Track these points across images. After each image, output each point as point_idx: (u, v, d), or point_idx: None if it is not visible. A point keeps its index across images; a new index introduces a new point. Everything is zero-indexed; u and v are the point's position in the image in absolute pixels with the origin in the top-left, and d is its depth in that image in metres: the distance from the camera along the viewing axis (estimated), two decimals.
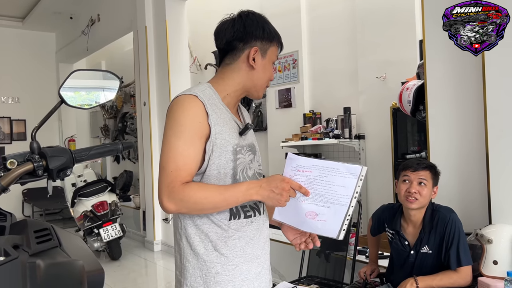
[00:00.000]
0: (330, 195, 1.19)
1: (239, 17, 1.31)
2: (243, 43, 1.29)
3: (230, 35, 1.29)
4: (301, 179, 1.21)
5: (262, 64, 1.31)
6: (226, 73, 1.32)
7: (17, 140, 7.62)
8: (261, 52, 1.30)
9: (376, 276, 2.40)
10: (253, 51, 1.29)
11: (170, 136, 1.21)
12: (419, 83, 2.80)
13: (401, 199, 2.07)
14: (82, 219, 4.77)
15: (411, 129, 3.63)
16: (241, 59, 1.30)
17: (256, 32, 1.29)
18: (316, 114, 4.49)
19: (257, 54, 1.29)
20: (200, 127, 1.21)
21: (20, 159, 1.00)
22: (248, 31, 1.29)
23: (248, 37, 1.29)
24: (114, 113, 7.39)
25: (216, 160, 1.23)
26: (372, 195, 4.06)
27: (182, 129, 1.20)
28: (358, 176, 1.17)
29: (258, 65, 1.30)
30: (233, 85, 1.32)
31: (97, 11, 6.51)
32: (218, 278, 1.23)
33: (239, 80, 1.31)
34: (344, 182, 1.18)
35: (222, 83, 1.31)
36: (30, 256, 0.77)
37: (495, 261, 2.05)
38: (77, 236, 1.08)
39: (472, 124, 2.37)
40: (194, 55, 5.90)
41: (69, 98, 1.13)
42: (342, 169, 1.18)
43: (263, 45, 1.30)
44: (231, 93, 1.32)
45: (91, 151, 1.14)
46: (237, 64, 1.31)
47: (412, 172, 2.04)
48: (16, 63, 7.63)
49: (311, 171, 1.20)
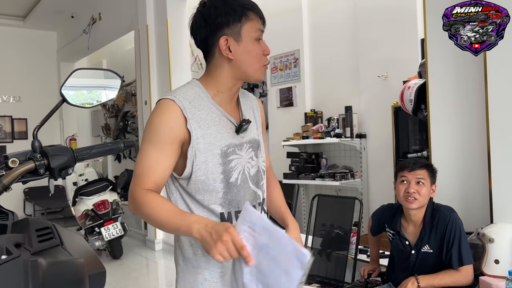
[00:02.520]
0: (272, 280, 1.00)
1: (197, 11, 1.21)
2: (211, 37, 1.19)
3: (198, 34, 1.21)
4: (250, 240, 1.00)
5: (240, 49, 1.18)
6: (211, 70, 1.24)
7: (19, 139, 7.63)
8: (234, 38, 1.18)
9: (377, 275, 2.40)
10: (222, 42, 1.17)
11: (143, 140, 1.18)
12: (421, 82, 2.80)
13: (401, 200, 2.08)
14: (83, 218, 4.77)
15: (412, 128, 3.62)
16: (217, 54, 1.20)
17: (217, 20, 1.17)
18: (318, 113, 4.49)
19: (230, 42, 1.17)
20: (171, 132, 1.15)
21: (22, 157, 1.00)
22: (209, 23, 1.18)
23: (211, 29, 1.18)
24: (115, 112, 7.39)
25: (202, 165, 1.17)
26: (373, 194, 4.06)
27: (152, 133, 1.16)
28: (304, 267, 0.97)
29: (236, 53, 1.18)
30: (222, 81, 1.22)
31: (98, 10, 6.51)
32: (205, 285, 1.21)
33: (226, 75, 1.21)
34: (288, 269, 0.98)
35: (211, 81, 1.23)
36: (32, 255, 0.77)
37: (496, 260, 2.04)
38: (78, 235, 1.08)
39: (473, 123, 2.37)
40: (195, 54, 5.89)
41: (71, 97, 1.13)
42: (291, 249, 0.98)
43: (232, 29, 1.17)
44: (222, 90, 1.23)
45: (93, 150, 1.14)
46: (215, 60, 1.21)
47: (409, 172, 2.04)
48: (18, 62, 7.64)
49: (261, 235, 1.00)
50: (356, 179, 4.08)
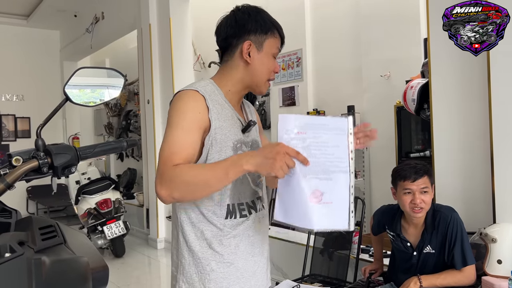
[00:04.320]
0: (329, 162, 1.08)
1: (232, 13, 1.30)
2: (236, 38, 1.27)
3: (224, 32, 1.28)
4: (298, 144, 1.08)
5: (258, 58, 1.27)
6: (225, 70, 1.31)
7: (22, 138, 7.65)
8: (256, 46, 1.26)
9: (379, 275, 2.39)
10: (246, 45, 1.26)
11: (169, 127, 1.19)
12: (424, 81, 2.79)
13: (406, 210, 2.03)
14: (86, 217, 4.79)
15: (415, 127, 3.62)
16: (237, 55, 1.28)
17: (248, 26, 1.26)
18: (320, 113, 4.49)
19: (251, 48, 1.26)
20: (200, 117, 1.19)
21: (26, 156, 1.00)
22: (240, 25, 1.26)
23: (240, 31, 1.26)
24: (118, 111, 7.41)
25: (215, 155, 1.20)
26: (375, 193, 4.05)
27: (181, 118, 1.18)
28: (347, 131, 1.09)
29: (254, 59, 1.27)
30: (233, 82, 1.30)
31: (101, 9, 6.52)
32: (213, 275, 1.23)
33: (238, 77, 1.29)
34: (336, 140, 1.08)
35: (224, 79, 1.30)
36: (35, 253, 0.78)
37: (499, 260, 2.04)
38: (81, 233, 1.09)
39: (476, 123, 2.36)
40: (198, 53, 5.90)
41: (74, 95, 1.14)
42: (330, 123, 1.10)
43: (258, 38, 1.26)
44: (232, 90, 1.30)
45: (96, 149, 1.14)
46: (233, 60, 1.29)
47: (413, 183, 1.98)
48: (21, 60, 7.66)
49: (305, 132, 1.09)
50: (359, 179, 4.07)
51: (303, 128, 1.09)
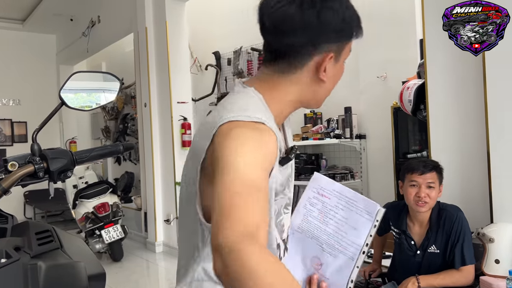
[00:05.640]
0: (340, 238, 1.01)
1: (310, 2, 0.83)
2: (314, 47, 0.85)
3: (298, 33, 0.83)
4: (317, 205, 1.05)
5: (333, 73, 0.91)
6: (282, 84, 0.88)
7: (18, 142, 7.63)
8: (335, 57, 0.89)
9: (377, 276, 2.39)
10: (327, 59, 0.87)
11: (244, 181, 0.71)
12: (420, 82, 2.80)
13: (410, 203, 2.05)
14: (83, 221, 4.77)
15: (412, 128, 3.63)
16: (307, 68, 0.87)
17: (334, 31, 0.86)
18: (317, 114, 4.49)
19: (330, 61, 0.88)
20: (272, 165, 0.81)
21: (21, 161, 1.00)
22: (325, 30, 0.84)
23: (322, 38, 0.85)
24: (115, 115, 7.40)
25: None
26: (373, 194, 4.06)
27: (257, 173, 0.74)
28: (374, 218, 0.99)
29: (329, 76, 0.89)
30: (288, 102, 0.90)
31: (97, 13, 6.51)
32: None
33: (297, 94, 0.90)
34: (357, 223, 1.00)
35: (277, 98, 0.88)
36: (32, 258, 0.77)
37: (497, 260, 2.04)
38: (78, 238, 1.08)
39: (473, 123, 2.37)
40: (194, 56, 5.89)
41: (70, 100, 1.14)
42: (360, 203, 1.03)
43: (340, 47, 0.89)
44: (285, 112, 0.92)
45: (92, 153, 1.14)
46: (299, 75, 0.88)
47: (420, 176, 2.01)
48: (17, 65, 7.64)
49: (330, 198, 1.04)
50: (356, 180, 4.08)
51: (329, 193, 1.06)
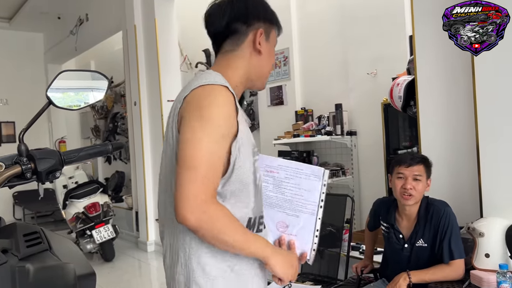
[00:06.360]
0: (297, 201, 1.18)
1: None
2: (247, 25, 1.12)
3: (231, 16, 1.11)
4: (269, 181, 1.19)
5: (267, 49, 1.16)
6: (231, 60, 1.14)
7: (7, 143, 7.54)
8: (265, 35, 1.15)
9: (369, 272, 2.41)
10: (259, 33, 1.13)
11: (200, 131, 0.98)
12: (410, 78, 2.82)
13: (397, 195, 2.08)
14: (74, 221, 4.73)
15: (402, 124, 3.65)
16: (246, 44, 1.13)
17: (259, 12, 1.14)
18: (308, 111, 4.49)
19: (262, 37, 1.14)
20: (232, 123, 1.02)
21: (8, 162, 0.98)
22: (251, 11, 1.13)
23: (251, 18, 1.13)
24: (105, 114, 7.34)
25: (242, 163, 1.04)
26: (364, 191, 4.08)
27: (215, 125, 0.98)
28: (321, 179, 1.16)
29: (264, 49, 1.14)
30: (240, 75, 1.14)
31: (85, 11, 6.45)
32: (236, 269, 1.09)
33: (246, 69, 1.14)
34: (309, 185, 1.17)
35: (230, 72, 1.12)
36: (20, 260, 0.76)
37: (487, 254, 2.06)
38: (67, 239, 1.07)
39: (462, 119, 2.38)
40: (184, 53, 5.87)
41: (57, 99, 1.12)
42: (306, 170, 1.18)
43: (268, 28, 1.16)
44: (238, 85, 1.14)
45: (81, 153, 1.13)
46: (241, 50, 1.13)
47: (406, 168, 2.04)
48: (4, 64, 7.54)
49: (278, 172, 1.19)
50: (348, 176, 4.09)
51: (276, 169, 1.20)
